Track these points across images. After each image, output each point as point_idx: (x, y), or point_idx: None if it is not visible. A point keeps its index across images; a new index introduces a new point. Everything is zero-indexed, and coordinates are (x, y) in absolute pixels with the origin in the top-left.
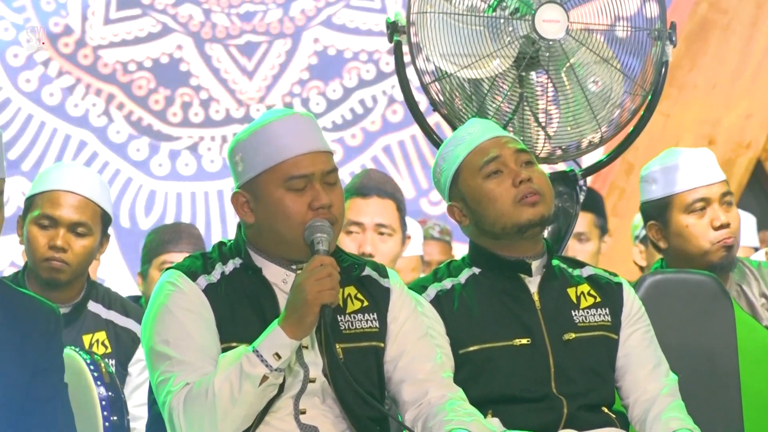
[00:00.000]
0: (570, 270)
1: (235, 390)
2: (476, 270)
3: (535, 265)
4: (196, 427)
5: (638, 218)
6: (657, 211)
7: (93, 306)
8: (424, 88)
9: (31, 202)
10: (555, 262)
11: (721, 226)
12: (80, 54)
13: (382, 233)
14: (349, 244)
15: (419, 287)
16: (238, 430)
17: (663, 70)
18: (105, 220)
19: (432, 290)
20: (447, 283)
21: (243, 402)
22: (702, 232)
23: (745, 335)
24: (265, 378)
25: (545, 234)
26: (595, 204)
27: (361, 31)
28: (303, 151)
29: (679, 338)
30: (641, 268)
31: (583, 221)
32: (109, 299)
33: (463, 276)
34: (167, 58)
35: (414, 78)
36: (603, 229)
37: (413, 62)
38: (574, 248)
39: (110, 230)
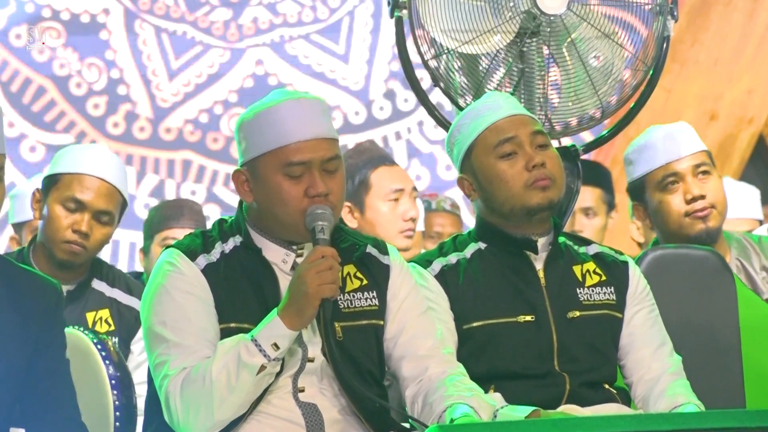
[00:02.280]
0: (576, 247)
1: (232, 378)
2: (482, 245)
3: (542, 242)
4: (193, 412)
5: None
6: (637, 192)
7: (97, 284)
8: (425, 64)
9: (57, 179)
10: (561, 239)
11: (694, 199)
12: None
13: (416, 197)
14: (393, 212)
15: (424, 261)
16: (234, 416)
17: (664, 45)
18: (123, 207)
19: (437, 265)
20: (452, 258)
21: (240, 390)
22: (676, 207)
23: (746, 310)
24: (262, 367)
25: None
26: (603, 179)
27: (314, 71)
28: (304, 138)
29: (681, 313)
30: (639, 245)
31: (591, 196)
32: (113, 277)
33: (469, 251)
34: (88, 18)
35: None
36: (610, 205)
37: (414, 38)
38: (581, 223)
39: None
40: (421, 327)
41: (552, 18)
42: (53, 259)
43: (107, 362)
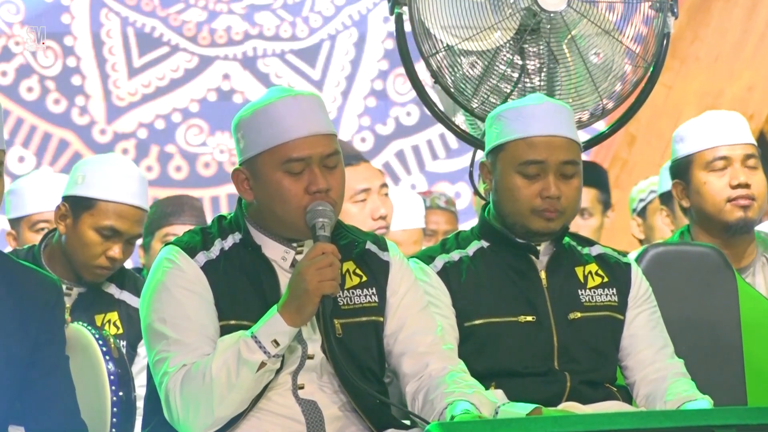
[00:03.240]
0: (579, 248)
1: (232, 375)
2: (485, 243)
3: (544, 245)
4: (192, 409)
5: (635, 191)
6: (681, 170)
7: (106, 286)
8: (425, 60)
9: (92, 204)
10: (565, 239)
11: (739, 185)
12: None
13: (386, 194)
14: (362, 212)
15: (426, 257)
16: (234, 413)
17: (665, 41)
18: None
19: (439, 261)
20: (455, 255)
21: (240, 387)
22: (719, 190)
23: (747, 307)
24: (263, 364)
25: None
26: (598, 179)
27: None
28: (302, 134)
29: (682, 310)
30: (640, 241)
31: (587, 197)
32: (123, 279)
33: (472, 248)
34: None
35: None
36: (606, 205)
37: (414, 35)
38: (576, 223)
39: None
40: (421, 323)
41: (552, 15)
42: (79, 278)
43: (107, 358)
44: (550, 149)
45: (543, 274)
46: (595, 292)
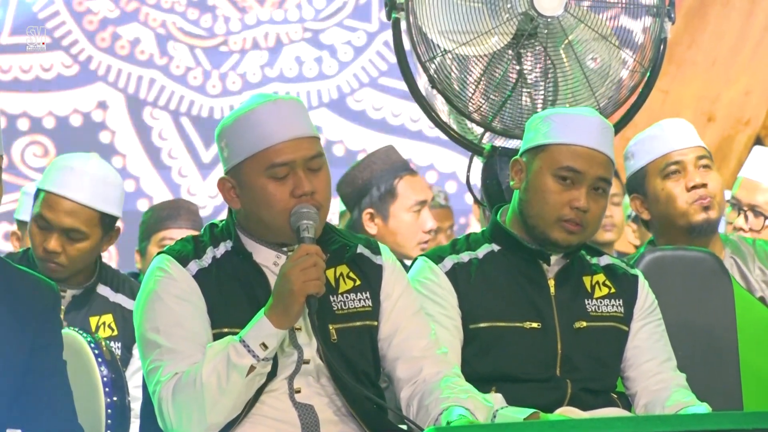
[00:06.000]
0: (588, 258)
1: (222, 380)
2: (495, 247)
3: (556, 254)
4: (185, 417)
5: (629, 198)
6: (637, 183)
7: (102, 289)
8: (422, 65)
9: (37, 195)
10: None
11: (695, 186)
12: None
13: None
14: (416, 223)
15: (436, 257)
16: (227, 419)
17: (662, 46)
18: (105, 221)
19: (449, 261)
20: (464, 256)
21: (231, 392)
22: (678, 194)
23: (743, 311)
24: (252, 368)
25: None
26: None
27: (161, 162)
28: (285, 138)
29: (679, 314)
30: (635, 247)
31: (616, 183)
32: (117, 282)
33: (482, 251)
34: None
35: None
36: None
37: (411, 40)
38: (610, 209)
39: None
40: (414, 327)
41: (549, 20)
42: (70, 279)
43: (100, 363)
44: (591, 162)
45: (551, 282)
46: (601, 303)
